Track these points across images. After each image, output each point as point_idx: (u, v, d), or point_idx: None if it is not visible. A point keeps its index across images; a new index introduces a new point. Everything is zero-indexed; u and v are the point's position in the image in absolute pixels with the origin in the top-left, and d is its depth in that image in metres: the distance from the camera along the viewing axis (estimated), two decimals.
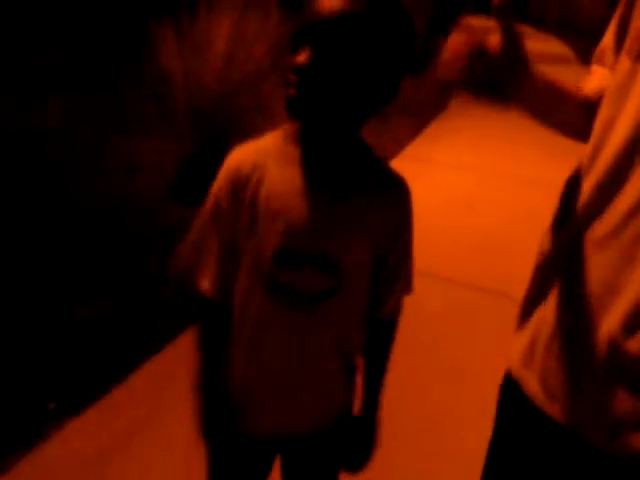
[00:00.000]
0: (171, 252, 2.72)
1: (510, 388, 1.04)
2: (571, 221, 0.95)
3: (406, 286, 1.21)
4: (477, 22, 1.11)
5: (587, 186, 0.92)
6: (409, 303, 1.24)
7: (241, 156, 1.09)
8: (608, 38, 1.04)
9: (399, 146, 5.60)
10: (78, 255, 3.08)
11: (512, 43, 0.96)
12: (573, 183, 0.98)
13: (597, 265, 0.88)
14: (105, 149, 4.32)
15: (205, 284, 1.13)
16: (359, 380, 1.24)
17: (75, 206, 3.51)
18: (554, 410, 0.94)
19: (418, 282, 1.23)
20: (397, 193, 1.12)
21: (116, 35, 5.59)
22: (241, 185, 1.06)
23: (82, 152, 4.19)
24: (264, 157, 1.07)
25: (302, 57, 0.94)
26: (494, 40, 0.98)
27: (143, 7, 4.76)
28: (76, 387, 2.32)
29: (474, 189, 4.76)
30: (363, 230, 1.07)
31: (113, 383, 2.34)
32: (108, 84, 5.08)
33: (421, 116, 6.80)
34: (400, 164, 5.39)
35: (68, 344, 2.52)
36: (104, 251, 3.16)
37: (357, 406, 1.25)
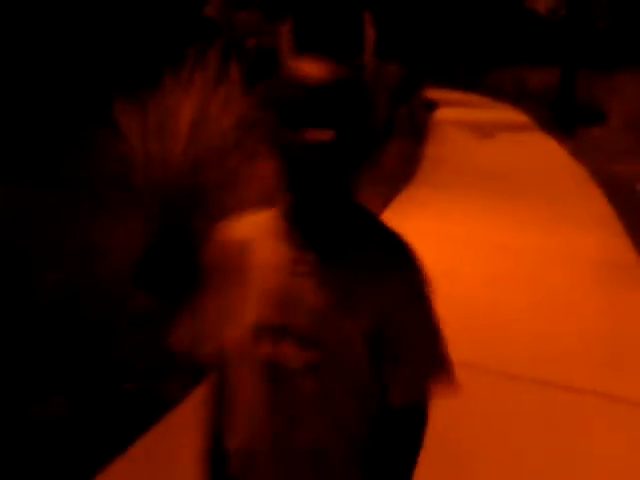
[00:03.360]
0: (137, 344, 2.56)
1: None
2: None
3: (430, 368, 1.04)
4: None
5: None
6: None
7: (231, 231, 1.09)
8: None
9: None
10: (34, 350, 2.87)
11: None
12: None
13: None
14: (66, 234, 4.16)
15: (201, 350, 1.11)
16: None
17: (32, 297, 3.31)
18: None
19: None
20: (399, 257, 1.03)
21: (76, 113, 5.52)
22: (229, 259, 1.07)
23: (42, 240, 4.02)
24: (254, 232, 1.06)
25: (326, 135, 0.93)
26: None
27: (106, 83, 4.72)
28: None
29: (449, 258, 4.69)
30: (359, 301, 1.00)
31: None
32: (67, 166, 4.97)
33: (389, 186, 6.81)
34: None
35: (20, 449, 2.28)
36: (66, 344, 2.94)
37: None
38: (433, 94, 18.54)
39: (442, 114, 14.72)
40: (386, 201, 6.17)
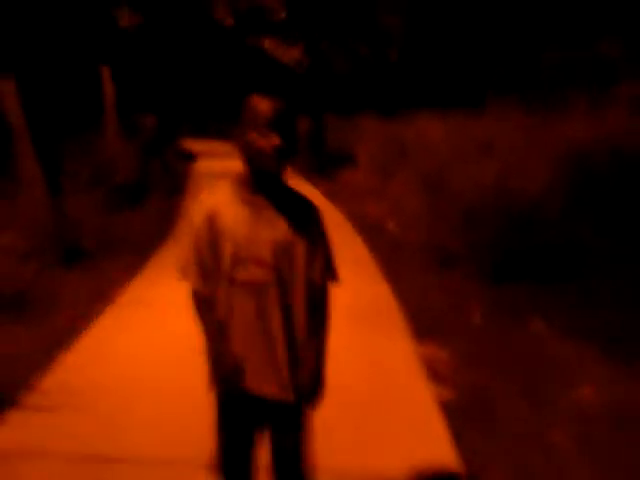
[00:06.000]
0: None
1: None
2: None
3: (330, 273, 1.91)
4: None
5: None
6: None
7: (206, 205, 1.84)
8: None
9: (116, 288, 4.99)
10: None
11: None
12: None
13: None
14: None
15: (193, 282, 1.86)
16: None
17: None
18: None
19: None
20: (312, 214, 1.89)
21: None
22: (209, 220, 1.81)
23: None
24: (219, 203, 1.83)
25: (276, 140, 1.74)
26: None
27: None
28: None
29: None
30: (293, 239, 1.82)
31: None
32: None
33: (139, 252, 6.14)
34: (119, 311, 4.51)
35: None
36: None
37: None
38: (191, 145, 18.39)
39: (201, 166, 14.54)
40: (134, 269, 5.60)
